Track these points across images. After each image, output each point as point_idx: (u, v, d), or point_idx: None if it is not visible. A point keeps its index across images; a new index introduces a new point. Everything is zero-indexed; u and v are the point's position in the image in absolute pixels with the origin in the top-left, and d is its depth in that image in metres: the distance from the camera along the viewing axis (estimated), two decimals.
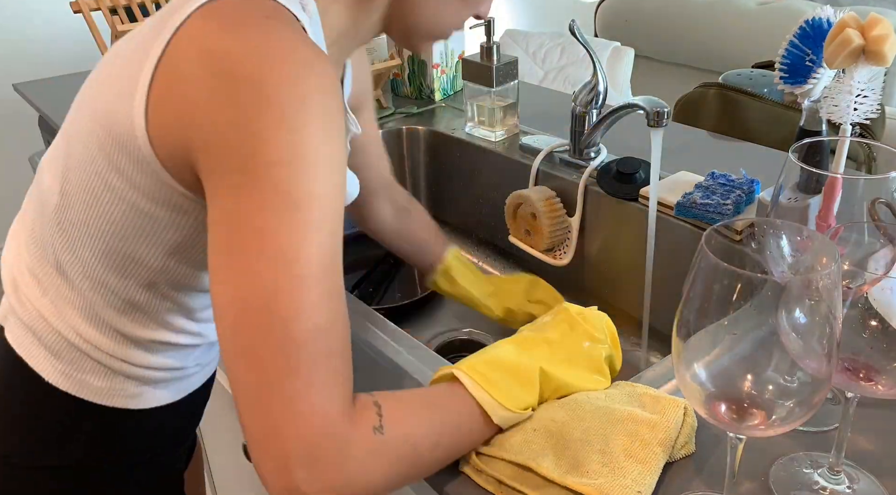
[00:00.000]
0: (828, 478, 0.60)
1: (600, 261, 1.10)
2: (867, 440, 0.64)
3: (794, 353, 0.48)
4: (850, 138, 0.69)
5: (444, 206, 1.38)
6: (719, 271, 0.46)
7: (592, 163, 1.09)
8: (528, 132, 1.25)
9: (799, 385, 0.48)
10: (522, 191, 1.12)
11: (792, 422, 0.49)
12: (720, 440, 0.64)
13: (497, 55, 1.19)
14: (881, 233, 0.57)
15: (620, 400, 0.66)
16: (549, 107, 1.37)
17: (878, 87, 0.69)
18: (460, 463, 0.63)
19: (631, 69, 2.17)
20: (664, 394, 0.66)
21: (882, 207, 0.60)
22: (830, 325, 0.47)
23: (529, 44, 2.31)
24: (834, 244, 0.49)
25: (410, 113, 1.39)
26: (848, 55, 0.68)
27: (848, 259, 0.53)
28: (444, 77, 1.44)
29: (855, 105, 0.68)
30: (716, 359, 0.49)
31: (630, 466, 0.59)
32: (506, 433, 0.63)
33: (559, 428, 0.63)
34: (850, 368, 0.53)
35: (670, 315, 0.50)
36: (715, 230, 0.50)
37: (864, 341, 0.52)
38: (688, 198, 0.96)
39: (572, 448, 0.61)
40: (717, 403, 0.50)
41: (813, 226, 0.66)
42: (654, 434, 0.61)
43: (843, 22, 0.69)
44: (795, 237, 0.59)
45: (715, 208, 0.93)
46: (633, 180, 1.03)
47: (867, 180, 0.62)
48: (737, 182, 0.97)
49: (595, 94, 1.06)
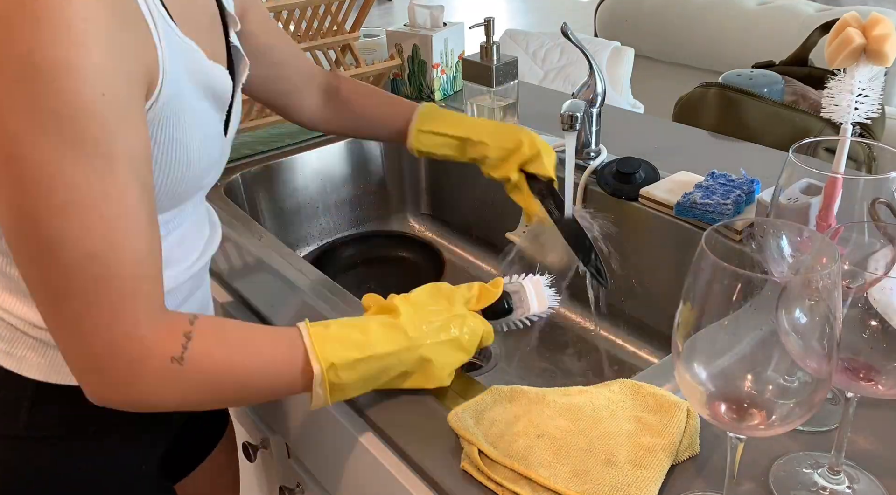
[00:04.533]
0: (828, 478, 0.60)
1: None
2: (867, 440, 0.64)
3: (794, 353, 0.48)
4: (850, 138, 0.69)
5: (443, 206, 1.38)
6: (719, 271, 0.46)
7: (592, 163, 1.09)
8: None
9: (799, 385, 0.48)
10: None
11: (792, 422, 0.49)
12: (721, 440, 0.64)
13: (497, 55, 1.19)
14: (881, 233, 0.57)
15: (624, 405, 0.66)
16: (549, 107, 1.37)
17: (879, 86, 0.69)
18: (462, 461, 0.63)
19: (631, 69, 2.17)
20: (668, 394, 0.66)
21: (882, 207, 0.60)
22: (830, 325, 0.47)
23: (529, 44, 2.31)
24: (834, 244, 0.49)
25: None
26: (849, 54, 0.68)
27: (848, 259, 0.53)
28: (444, 77, 1.43)
29: (856, 105, 0.68)
30: (716, 359, 0.49)
31: (634, 473, 0.59)
32: (509, 437, 0.63)
33: (563, 436, 0.62)
34: (850, 368, 0.53)
35: (670, 315, 0.50)
36: (715, 230, 0.49)
37: (864, 341, 0.52)
38: (687, 198, 0.96)
39: (576, 456, 0.61)
40: (718, 403, 0.50)
41: (813, 226, 0.66)
42: (658, 440, 0.61)
43: (844, 21, 0.69)
44: (795, 237, 0.59)
45: (715, 208, 0.93)
46: (633, 180, 1.03)
47: (867, 180, 0.62)
48: (737, 182, 0.97)
49: (594, 95, 1.06)
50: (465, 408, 0.66)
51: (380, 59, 1.48)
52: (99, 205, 0.52)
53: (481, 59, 1.20)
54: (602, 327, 1.10)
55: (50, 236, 0.52)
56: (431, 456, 0.65)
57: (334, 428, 0.75)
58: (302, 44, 1.32)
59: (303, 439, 0.87)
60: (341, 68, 1.36)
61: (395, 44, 1.43)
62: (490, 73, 1.19)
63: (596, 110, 1.08)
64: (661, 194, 0.99)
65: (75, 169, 0.51)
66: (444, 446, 0.65)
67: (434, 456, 0.65)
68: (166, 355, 0.56)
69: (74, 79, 0.50)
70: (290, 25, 1.27)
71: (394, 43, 1.43)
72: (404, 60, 1.43)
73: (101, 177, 0.52)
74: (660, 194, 0.99)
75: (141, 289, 0.55)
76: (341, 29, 1.36)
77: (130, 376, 0.55)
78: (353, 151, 1.33)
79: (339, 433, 0.74)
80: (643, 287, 1.04)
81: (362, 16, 1.37)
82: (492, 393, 0.68)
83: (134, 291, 0.55)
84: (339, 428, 0.74)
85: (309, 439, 0.85)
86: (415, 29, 1.40)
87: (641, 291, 1.05)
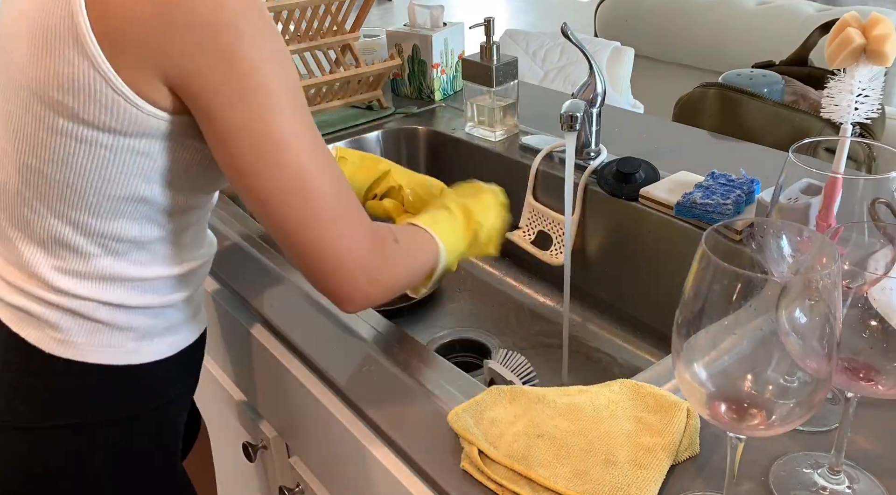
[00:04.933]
0: (828, 478, 0.60)
1: (600, 261, 1.10)
2: (867, 440, 0.64)
3: (794, 353, 0.48)
4: (850, 138, 0.69)
5: None
6: (719, 271, 0.46)
7: (592, 163, 1.09)
8: (527, 132, 1.25)
9: (799, 385, 0.48)
10: None
11: (792, 422, 0.49)
12: (721, 440, 0.64)
13: (497, 55, 1.19)
14: (881, 233, 0.57)
15: (624, 405, 0.66)
16: (549, 107, 1.37)
17: (879, 86, 0.69)
18: (462, 461, 0.63)
19: (631, 69, 2.16)
20: (668, 394, 0.66)
21: (882, 207, 0.60)
22: (830, 325, 0.47)
23: (529, 44, 2.31)
24: (834, 244, 0.49)
25: (410, 113, 1.39)
26: (849, 54, 0.68)
27: (848, 259, 0.53)
28: (444, 77, 1.43)
29: (856, 105, 0.68)
30: (716, 359, 0.49)
31: (634, 473, 0.59)
32: (509, 437, 0.63)
33: (563, 436, 0.62)
34: (850, 368, 0.53)
35: (670, 315, 0.50)
36: (715, 230, 0.49)
37: (864, 341, 0.52)
38: (688, 199, 0.96)
39: (576, 456, 0.61)
40: (717, 403, 0.50)
41: (813, 226, 0.66)
42: (658, 440, 0.61)
43: (845, 21, 0.69)
44: (795, 237, 0.59)
45: (715, 208, 0.93)
46: (633, 180, 1.03)
47: (867, 180, 0.62)
48: (737, 182, 0.97)
49: (594, 95, 1.06)
50: (465, 408, 0.66)
51: (380, 59, 1.48)
52: (324, 150, 0.66)
53: (481, 59, 1.20)
54: (602, 327, 1.10)
55: (312, 177, 0.65)
56: (431, 456, 0.65)
57: (334, 428, 0.75)
58: (302, 44, 1.32)
59: (303, 439, 0.87)
60: (341, 68, 1.36)
61: (395, 44, 1.43)
62: (490, 73, 1.19)
63: (596, 110, 1.08)
64: (661, 194, 0.99)
65: (309, 128, 0.65)
66: (444, 446, 0.65)
67: (434, 456, 0.65)
68: (391, 239, 0.72)
69: (290, 63, 0.65)
70: (290, 25, 1.28)
71: (394, 43, 1.43)
72: (404, 60, 1.43)
73: (314, 130, 0.66)
74: (660, 194, 0.99)
75: (356, 204, 0.69)
76: (341, 29, 1.36)
77: (380, 258, 0.69)
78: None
79: (339, 433, 0.74)
80: (643, 287, 1.04)
81: (362, 16, 1.37)
82: (492, 393, 0.68)
83: (356, 205, 0.69)
84: (339, 428, 0.74)
85: (309, 439, 0.85)
86: (415, 29, 1.40)
87: (641, 291, 1.05)
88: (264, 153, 0.63)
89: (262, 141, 0.62)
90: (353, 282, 0.67)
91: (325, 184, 0.65)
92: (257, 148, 0.62)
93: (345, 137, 1.31)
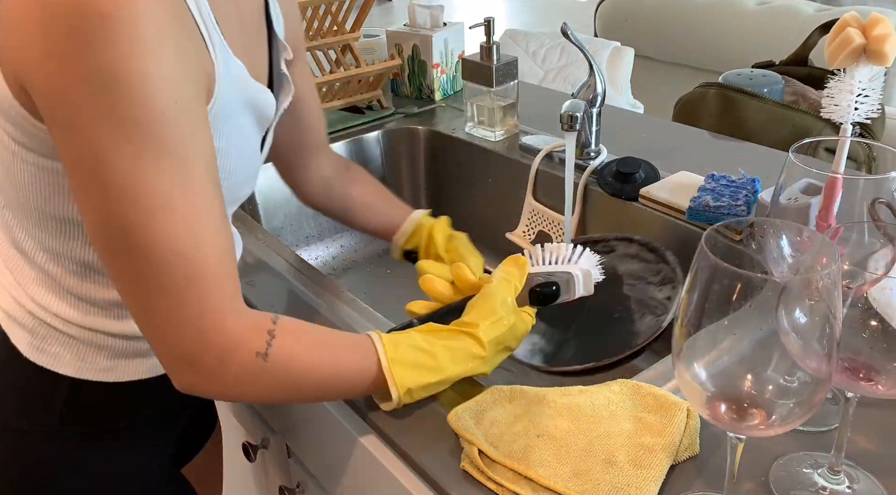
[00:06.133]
0: (828, 478, 0.60)
1: None
2: (867, 440, 0.64)
3: (794, 353, 0.48)
4: (850, 138, 0.69)
5: (443, 206, 1.37)
6: (719, 271, 0.46)
7: (592, 163, 1.09)
8: (527, 132, 1.25)
9: (799, 385, 0.48)
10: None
11: (792, 422, 0.49)
12: (721, 440, 0.64)
13: (497, 55, 1.19)
14: (881, 233, 0.57)
15: (624, 405, 0.66)
16: (549, 107, 1.37)
17: (879, 86, 0.69)
18: (462, 461, 0.63)
19: (631, 69, 2.16)
20: (668, 394, 0.66)
21: (882, 207, 0.60)
22: (830, 325, 0.47)
23: (529, 44, 2.31)
24: (834, 244, 0.49)
25: (410, 113, 1.39)
26: (849, 54, 0.68)
27: (848, 259, 0.53)
28: (444, 77, 1.43)
29: (856, 105, 0.68)
30: (716, 359, 0.49)
31: (634, 473, 0.59)
32: (509, 437, 0.63)
33: (563, 435, 0.62)
34: (850, 368, 0.53)
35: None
36: (715, 230, 0.50)
37: (864, 341, 0.52)
38: (699, 203, 0.95)
39: (576, 456, 0.61)
40: (718, 403, 0.50)
41: (813, 226, 0.66)
42: (658, 440, 0.61)
43: (844, 21, 0.69)
44: (795, 237, 0.59)
45: (729, 210, 0.93)
46: (633, 180, 1.03)
47: (867, 180, 0.62)
48: (739, 182, 0.97)
49: (594, 95, 1.06)
50: (465, 408, 0.66)
51: (380, 59, 1.48)
52: (182, 207, 0.54)
53: (481, 59, 1.20)
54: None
55: (138, 239, 0.53)
56: (431, 456, 0.65)
57: (334, 428, 0.75)
58: None
59: (303, 439, 0.87)
60: (341, 68, 1.36)
61: (395, 44, 1.43)
62: (490, 73, 1.19)
63: (596, 110, 1.08)
64: (661, 194, 0.99)
65: (157, 173, 0.53)
66: (444, 446, 0.65)
67: (434, 456, 0.65)
68: (252, 350, 0.58)
69: (151, 87, 0.52)
70: None
71: (394, 43, 1.43)
72: (404, 60, 1.43)
73: (181, 179, 0.54)
74: (660, 194, 0.99)
75: (225, 285, 0.57)
76: (341, 29, 1.36)
77: (219, 367, 0.57)
78: (353, 151, 1.33)
79: (340, 433, 0.74)
80: None
81: (362, 16, 1.37)
82: (492, 394, 0.69)
83: (219, 286, 0.56)
84: (339, 429, 0.74)
85: (309, 439, 0.85)
86: (415, 29, 1.40)
87: None
88: (90, 195, 0.54)
89: (89, 181, 0.53)
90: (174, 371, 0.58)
91: (163, 250, 0.54)
92: (85, 188, 0.54)
93: (345, 138, 1.31)
